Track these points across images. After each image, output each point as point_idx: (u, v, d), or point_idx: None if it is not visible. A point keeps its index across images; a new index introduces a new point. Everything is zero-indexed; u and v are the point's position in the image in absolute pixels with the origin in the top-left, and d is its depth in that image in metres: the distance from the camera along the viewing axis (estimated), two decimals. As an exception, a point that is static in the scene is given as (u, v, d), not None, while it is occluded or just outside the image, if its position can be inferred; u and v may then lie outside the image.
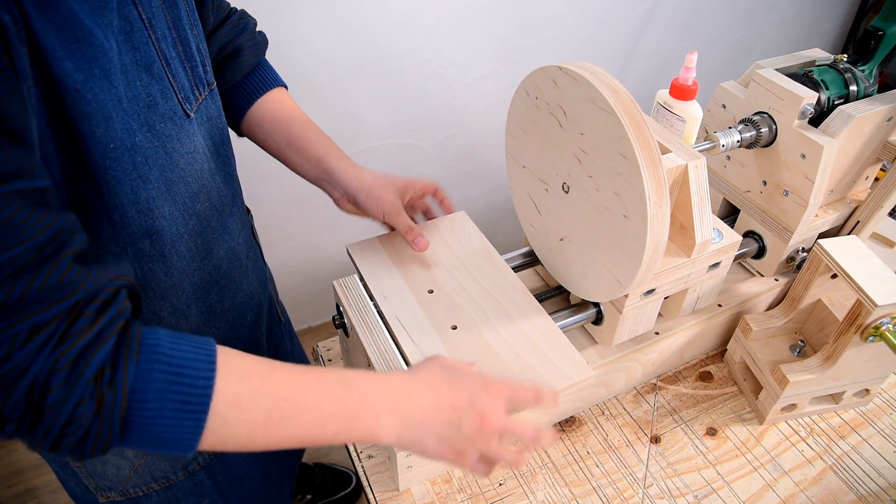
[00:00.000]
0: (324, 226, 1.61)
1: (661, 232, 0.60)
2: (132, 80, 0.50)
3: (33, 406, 0.40)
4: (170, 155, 0.57)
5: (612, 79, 0.60)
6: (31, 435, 0.41)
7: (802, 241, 0.84)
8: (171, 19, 0.56)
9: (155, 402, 0.43)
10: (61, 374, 0.40)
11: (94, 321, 0.42)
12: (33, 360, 0.39)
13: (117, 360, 0.42)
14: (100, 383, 0.41)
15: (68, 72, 0.44)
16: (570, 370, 0.67)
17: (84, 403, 0.41)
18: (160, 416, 0.43)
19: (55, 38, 0.42)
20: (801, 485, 0.74)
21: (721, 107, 0.83)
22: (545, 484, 0.74)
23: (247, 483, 0.87)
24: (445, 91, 1.52)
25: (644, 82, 1.77)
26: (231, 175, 0.73)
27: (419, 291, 0.75)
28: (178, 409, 0.43)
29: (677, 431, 0.79)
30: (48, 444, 0.41)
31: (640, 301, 0.72)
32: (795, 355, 0.81)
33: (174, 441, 0.44)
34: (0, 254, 0.37)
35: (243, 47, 0.75)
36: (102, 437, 0.42)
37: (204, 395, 0.44)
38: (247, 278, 0.77)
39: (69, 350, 0.40)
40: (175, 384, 0.43)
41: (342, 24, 1.30)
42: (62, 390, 0.40)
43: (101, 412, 0.41)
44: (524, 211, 0.82)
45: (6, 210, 0.38)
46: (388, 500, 0.72)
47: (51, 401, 0.39)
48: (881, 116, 0.78)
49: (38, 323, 0.39)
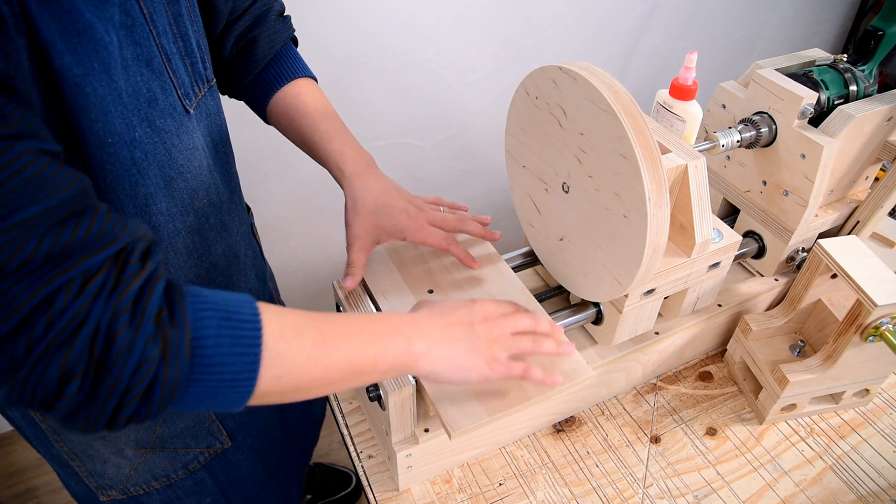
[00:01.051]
0: (324, 226, 1.61)
1: (661, 232, 0.60)
2: (132, 74, 0.50)
3: (97, 357, 0.38)
4: (169, 151, 0.56)
5: (612, 79, 0.60)
6: (94, 397, 0.39)
7: (802, 241, 0.84)
8: (171, 15, 0.56)
9: (214, 340, 0.43)
10: (125, 314, 0.39)
11: (141, 267, 0.41)
12: (91, 308, 0.38)
13: (172, 301, 0.42)
14: (160, 323, 0.41)
15: (68, 65, 0.44)
16: (570, 370, 0.67)
17: (150, 344, 0.40)
18: (219, 353, 0.43)
19: (56, 31, 0.42)
20: (801, 485, 0.74)
21: (721, 107, 0.83)
22: (545, 484, 0.74)
23: (249, 483, 0.86)
24: (445, 91, 1.52)
25: (644, 82, 1.77)
26: (230, 172, 0.72)
27: (419, 291, 0.75)
28: (234, 345, 0.44)
29: (677, 431, 0.79)
30: (112, 403, 0.40)
31: (640, 301, 0.72)
32: (795, 355, 0.81)
33: (233, 383, 0.44)
34: (36, 205, 0.37)
35: (259, 39, 0.72)
36: (171, 380, 0.41)
37: (255, 330, 0.45)
38: (245, 276, 0.77)
39: (126, 293, 0.39)
40: (227, 322, 0.44)
41: (342, 24, 1.30)
42: (128, 332, 0.39)
43: (167, 352, 0.40)
44: (524, 211, 0.82)
45: (34, 164, 0.37)
46: (388, 500, 0.72)
47: (119, 345, 0.38)
48: (881, 116, 0.78)
49: (89, 269, 0.39)
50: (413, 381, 0.64)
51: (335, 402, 0.83)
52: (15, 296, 0.36)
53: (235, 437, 0.80)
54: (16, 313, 0.36)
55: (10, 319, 0.36)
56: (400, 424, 0.67)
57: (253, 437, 0.84)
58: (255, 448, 0.85)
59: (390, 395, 0.62)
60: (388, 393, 0.62)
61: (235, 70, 0.74)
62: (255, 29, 0.72)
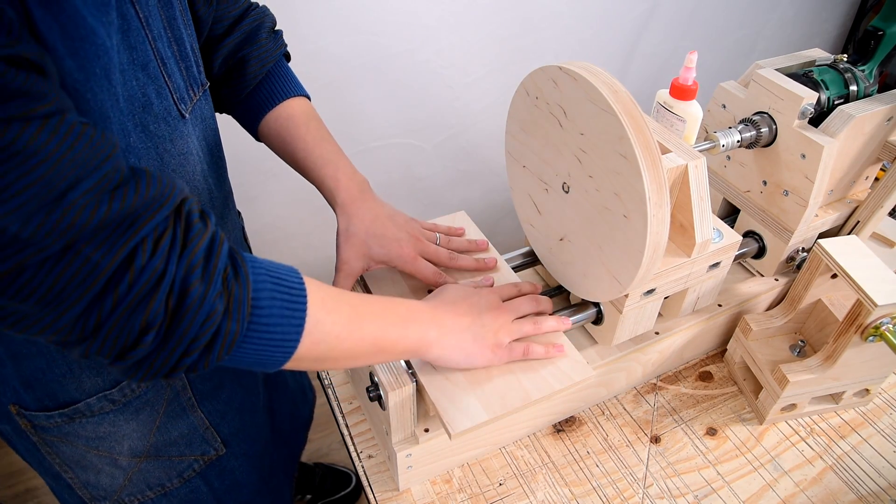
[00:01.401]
0: (324, 226, 1.61)
1: (661, 232, 0.60)
2: (128, 79, 0.50)
3: (172, 309, 0.41)
4: (161, 156, 0.56)
5: (612, 79, 0.60)
6: (164, 345, 0.42)
7: (802, 241, 0.84)
8: (165, 18, 0.55)
9: (268, 302, 0.46)
10: (197, 270, 0.42)
11: (205, 227, 0.44)
12: (167, 263, 0.41)
13: (235, 261, 0.45)
14: (226, 280, 0.44)
15: (69, 70, 0.43)
16: (570, 370, 0.67)
17: (217, 298, 0.43)
18: (272, 314, 0.46)
19: (58, 36, 0.42)
20: (801, 485, 0.74)
21: (721, 107, 0.83)
22: (545, 484, 0.74)
23: (244, 490, 0.86)
24: (445, 91, 1.52)
25: (644, 82, 1.77)
26: (223, 177, 0.72)
27: (419, 292, 0.75)
28: (284, 308, 0.47)
29: (677, 431, 0.79)
30: (179, 352, 0.43)
31: (640, 301, 0.72)
32: (795, 355, 0.81)
33: (280, 343, 0.47)
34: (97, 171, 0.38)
35: (249, 58, 0.71)
36: (231, 333, 0.44)
37: (301, 297, 0.48)
38: None
39: (197, 250, 0.43)
40: (278, 286, 0.48)
41: (341, 24, 1.29)
42: (201, 286, 0.42)
43: (231, 306, 0.44)
44: (524, 211, 0.82)
45: (84, 134, 0.38)
46: (388, 500, 0.72)
47: (192, 297, 0.42)
48: (881, 116, 0.78)
49: (157, 227, 0.41)
50: (413, 381, 0.64)
51: (335, 402, 0.83)
52: (98, 260, 0.38)
53: (230, 444, 0.80)
54: (102, 276, 0.39)
55: (98, 282, 0.39)
56: (400, 424, 0.67)
57: (247, 443, 0.83)
58: (249, 454, 0.85)
59: (390, 395, 0.62)
60: (388, 393, 0.62)
61: (226, 88, 0.73)
62: (246, 47, 0.71)
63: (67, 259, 0.38)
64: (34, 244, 0.36)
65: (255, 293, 0.46)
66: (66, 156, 0.37)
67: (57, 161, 0.36)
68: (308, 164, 0.73)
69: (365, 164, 1.37)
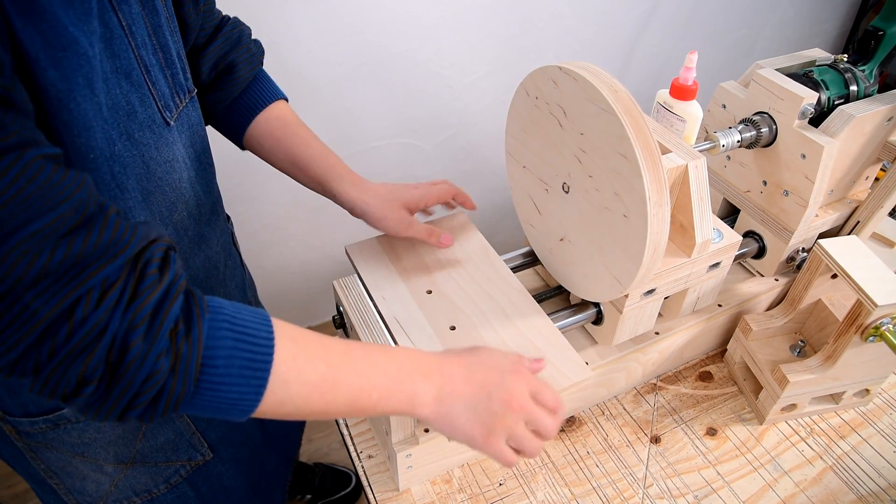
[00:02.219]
0: (324, 226, 1.61)
1: (661, 232, 0.60)
2: (112, 87, 0.49)
3: (112, 365, 0.40)
4: (147, 164, 0.56)
5: (611, 79, 0.60)
6: (106, 397, 0.41)
7: (802, 241, 0.84)
8: (151, 26, 0.55)
9: (224, 360, 0.44)
10: (140, 328, 0.40)
11: (160, 278, 0.42)
12: (110, 318, 0.39)
13: (189, 316, 0.43)
14: (175, 338, 0.42)
15: (52, 81, 0.43)
16: (568, 371, 0.67)
17: (162, 357, 0.41)
18: (228, 374, 0.44)
19: (40, 46, 0.41)
20: (801, 485, 0.74)
21: (721, 107, 0.83)
22: (545, 484, 0.74)
23: (233, 494, 0.86)
24: (445, 91, 1.52)
25: (644, 82, 1.77)
26: (211, 184, 0.71)
27: (418, 292, 0.75)
28: (244, 367, 0.44)
29: (677, 431, 0.79)
30: (123, 405, 0.41)
31: (640, 301, 0.72)
32: (795, 355, 0.81)
33: (236, 402, 0.45)
34: (51, 212, 0.37)
35: (237, 62, 0.73)
36: (176, 393, 0.42)
37: (267, 355, 0.45)
38: (224, 287, 0.77)
39: (144, 305, 0.41)
40: (242, 342, 0.45)
41: (341, 24, 1.30)
42: (143, 344, 0.40)
43: (177, 367, 0.42)
44: (524, 211, 0.82)
45: (43, 171, 0.37)
46: (388, 500, 0.72)
47: (132, 356, 0.40)
48: (881, 116, 0.78)
49: (107, 278, 0.39)
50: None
51: (335, 403, 0.83)
52: (36, 309, 0.37)
53: (216, 449, 0.80)
54: (39, 325, 0.37)
55: (34, 331, 0.38)
56: (400, 424, 0.67)
57: (234, 447, 0.83)
58: (237, 459, 0.84)
59: (390, 396, 0.62)
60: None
61: (213, 94, 0.74)
62: (234, 53, 0.73)
63: (7, 303, 0.37)
64: None
65: (210, 350, 0.43)
66: (16, 196, 0.35)
67: (7, 201, 0.35)
68: (308, 155, 0.76)
69: (365, 165, 1.37)
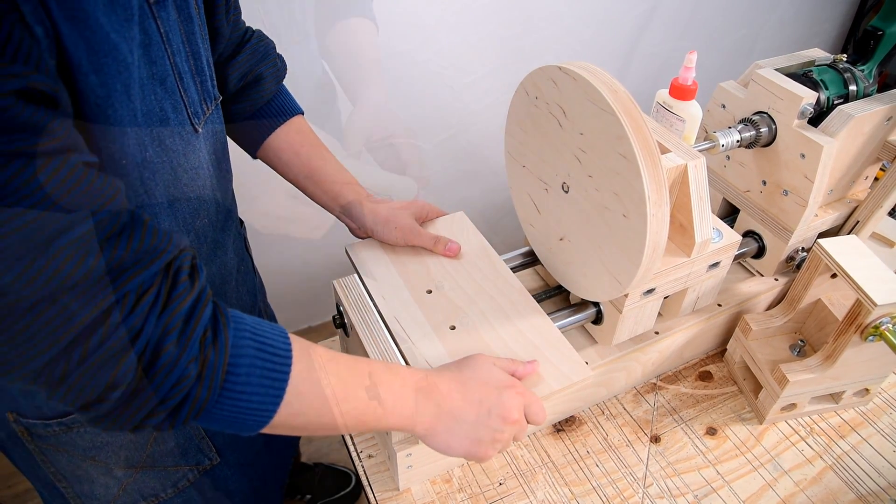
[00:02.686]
0: (325, 227, 1.61)
1: (660, 232, 0.60)
2: (147, 94, 0.50)
3: (143, 368, 0.40)
4: (174, 170, 0.56)
5: (611, 79, 0.60)
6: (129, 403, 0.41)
7: (802, 241, 0.84)
8: (185, 33, 0.55)
9: (246, 369, 0.45)
10: (173, 333, 0.41)
11: (191, 286, 0.43)
12: (145, 322, 0.40)
13: (217, 324, 0.44)
14: (203, 344, 0.42)
15: (92, 86, 0.43)
16: (568, 370, 0.67)
17: (192, 363, 0.41)
18: (249, 383, 0.45)
19: (83, 52, 0.42)
20: (801, 484, 0.74)
21: (721, 107, 0.83)
22: (545, 483, 0.74)
23: (237, 498, 0.87)
24: (445, 91, 1.52)
25: (644, 82, 1.77)
26: (228, 190, 0.72)
27: (418, 292, 0.75)
28: (264, 377, 0.45)
29: (677, 431, 0.79)
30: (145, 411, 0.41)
31: (639, 301, 0.72)
32: (795, 355, 0.81)
33: (254, 412, 0.45)
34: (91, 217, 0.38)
35: (265, 75, 0.74)
36: (201, 399, 0.42)
37: (285, 366, 0.46)
38: (237, 292, 0.77)
39: (177, 311, 0.41)
40: (262, 353, 0.46)
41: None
42: (175, 349, 0.41)
43: (204, 373, 0.42)
44: (524, 211, 0.82)
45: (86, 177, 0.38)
46: (388, 499, 0.72)
47: (164, 360, 0.40)
48: (880, 116, 0.78)
49: (143, 283, 0.40)
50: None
51: (335, 402, 0.83)
52: (75, 311, 0.37)
53: (223, 453, 0.80)
54: (75, 328, 0.37)
55: (70, 333, 0.37)
56: (400, 424, 0.67)
57: (239, 451, 0.84)
58: (242, 462, 0.85)
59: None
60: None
61: (238, 104, 0.75)
62: (262, 65, 0.74)
63: (43, 306, 0.36)
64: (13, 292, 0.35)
65: (234, 358, 0.44)
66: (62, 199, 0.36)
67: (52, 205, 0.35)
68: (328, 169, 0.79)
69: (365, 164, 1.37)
